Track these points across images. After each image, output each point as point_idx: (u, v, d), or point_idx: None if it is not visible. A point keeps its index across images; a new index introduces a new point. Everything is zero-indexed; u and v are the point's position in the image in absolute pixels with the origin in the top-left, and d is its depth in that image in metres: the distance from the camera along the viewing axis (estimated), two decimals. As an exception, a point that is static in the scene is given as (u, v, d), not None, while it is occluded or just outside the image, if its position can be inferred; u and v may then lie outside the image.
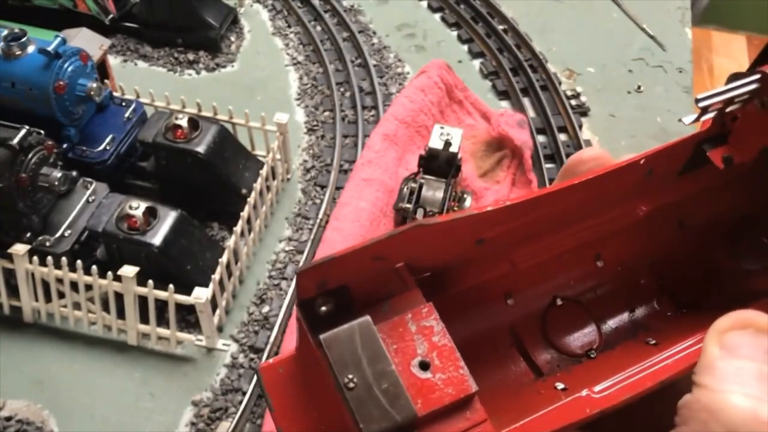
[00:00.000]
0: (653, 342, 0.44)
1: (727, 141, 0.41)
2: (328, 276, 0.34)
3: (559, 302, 0.46)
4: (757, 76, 0.38)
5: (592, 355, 0.45)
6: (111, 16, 1.68)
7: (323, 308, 0.35)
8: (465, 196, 1.34)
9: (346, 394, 0.32)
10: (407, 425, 0.32)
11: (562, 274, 0.46)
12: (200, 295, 1.12)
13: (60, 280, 1.18)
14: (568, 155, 1.49)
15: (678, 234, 0.48)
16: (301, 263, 1.30)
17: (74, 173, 1.22)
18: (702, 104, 0.39)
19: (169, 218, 1.17)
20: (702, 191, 0.45)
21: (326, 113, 1.59)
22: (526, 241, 0.42)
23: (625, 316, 0.47)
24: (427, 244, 0.36)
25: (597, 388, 0.36)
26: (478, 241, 0.39)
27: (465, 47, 1.77)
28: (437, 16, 1.85)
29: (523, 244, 0.43)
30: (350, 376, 0.33)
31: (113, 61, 1.64)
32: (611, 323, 0.46)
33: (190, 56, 1.68)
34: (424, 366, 0.34)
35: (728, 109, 0.40)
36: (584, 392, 0.36)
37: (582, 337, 0.45)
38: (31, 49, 1.22)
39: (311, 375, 0.38)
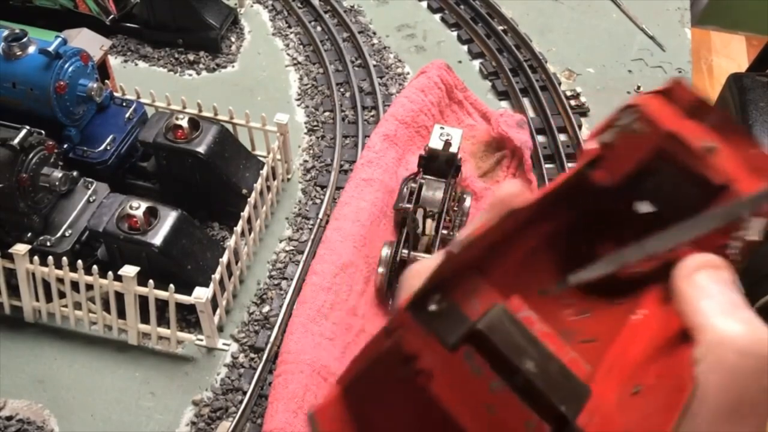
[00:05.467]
0: (589, 339, 0.47)
1: (601, 165, 0.47)
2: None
3: None
4: (634, 108, 0.44)
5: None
6: (112, 16, 1.69)
7: (433, 306, 0.33)
8: (465, 196, 1.34)
9: (534, 380, 0.32)
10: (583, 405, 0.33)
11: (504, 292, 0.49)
12: (201, 294, 1.12)
13: (61, 280, 1.18)
14: (567, 155, 1.49)
15: (573, 246, 0.53)
16: (301, 263, 1.31)
17: (75, 173, 1.23)
18: (601, 142, 0.45)
19: (169, 218, 1.18)
20: (583, 208, 0.50)
21: (326, 113, 1.60)
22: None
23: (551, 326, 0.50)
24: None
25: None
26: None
27: (465, 48, 1.77)
28: (437, 16, 1.86)
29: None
30: (529, 361, 0.32)
31: (114, 61, 1.65)
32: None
33: (191, 57, 1.69)
34: None
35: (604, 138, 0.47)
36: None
37: None
38: (31, 49, 1.22)
39: (370, 413, 0.37)
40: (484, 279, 0.37)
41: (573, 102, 1.62)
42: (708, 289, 0.37)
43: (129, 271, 1.14)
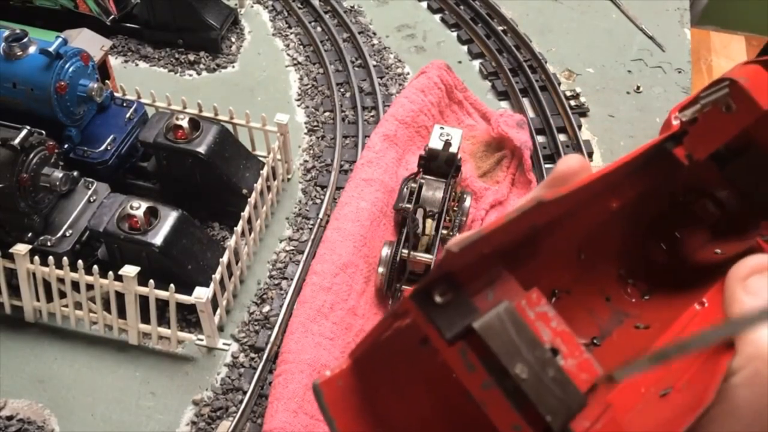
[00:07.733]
0: (643, 326, 0.45)
1: (683, 141, 0.44)
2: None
3: (557, 294, 0.46)
4: (726, 83, 0.41)
5: (597, 343, 0.45)
6: (112, 16, 1.69)
7: (440, 298, 0.32)
8: (465, 196, 1.35)
9: (522, 385, 0.31)
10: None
11: (559, 269, 0.46)
12: (201, 294, 1.13)
13: (61, 280, 1.19)
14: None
15: (641, 224, 0.49)
16: (301, 263, 1.31)
17: (75, 173, 1.23)
18: (685, 118, 0.42)
19: (170, 218, 1.18)
20: (659, 184, 0.47)
21: (326, 114, 1.60)
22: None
23: (604, 306, 0.47)
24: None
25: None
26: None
27: (465, 48, 1.78)
28: (437, 17, 1.86)
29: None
30: (520, 366, 0.31)
31: (114, 61, 1.65)
32: (598, 313, 0.47)
33: (191, 57, 1.69)
34: (554, 353, 0.32)
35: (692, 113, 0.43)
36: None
37: (583, 327, 0.45)
38: (32, 49, 1.22)
39: (378, 385, 0.36)
40: (510, 268, 0.35)
41: (573, 102, 1.62)
42: (760, 295, 0.33)
43: (129, 271, 1.14)
